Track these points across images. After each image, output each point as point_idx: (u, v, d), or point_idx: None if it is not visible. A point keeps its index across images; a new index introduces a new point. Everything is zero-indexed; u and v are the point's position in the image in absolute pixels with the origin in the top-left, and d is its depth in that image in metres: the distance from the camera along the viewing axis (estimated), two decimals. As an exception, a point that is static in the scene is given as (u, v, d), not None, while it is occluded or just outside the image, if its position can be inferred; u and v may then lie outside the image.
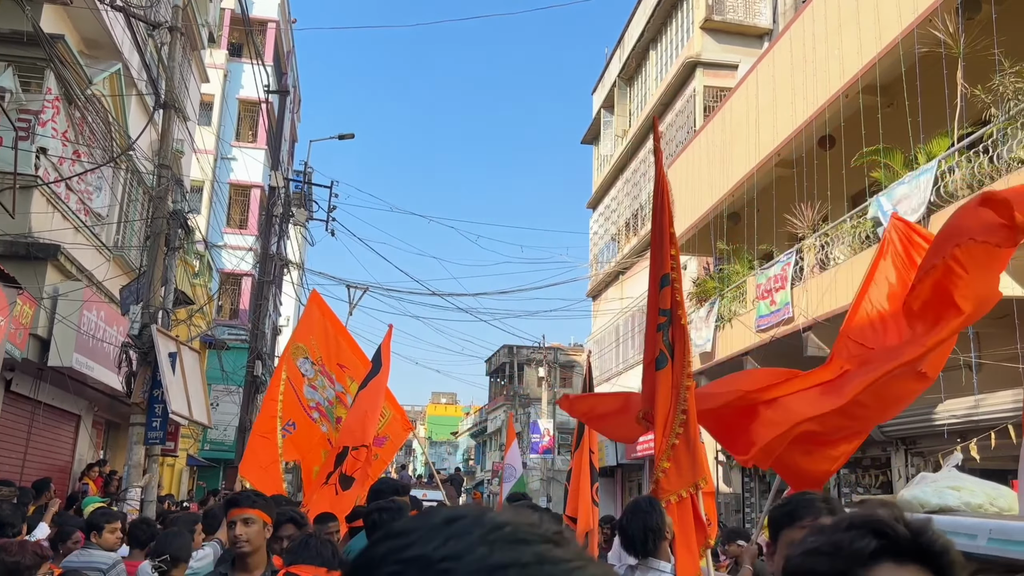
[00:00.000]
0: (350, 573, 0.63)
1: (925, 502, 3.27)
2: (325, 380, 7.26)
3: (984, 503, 3.23)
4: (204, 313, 20.22)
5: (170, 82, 9.72)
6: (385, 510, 3.74)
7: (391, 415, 7.77)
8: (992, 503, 3.24)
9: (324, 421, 7.08)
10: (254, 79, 20.09)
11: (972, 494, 3.26)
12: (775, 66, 13.50)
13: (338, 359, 7.42)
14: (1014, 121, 8.07)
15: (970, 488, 3.30)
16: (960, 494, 3.26)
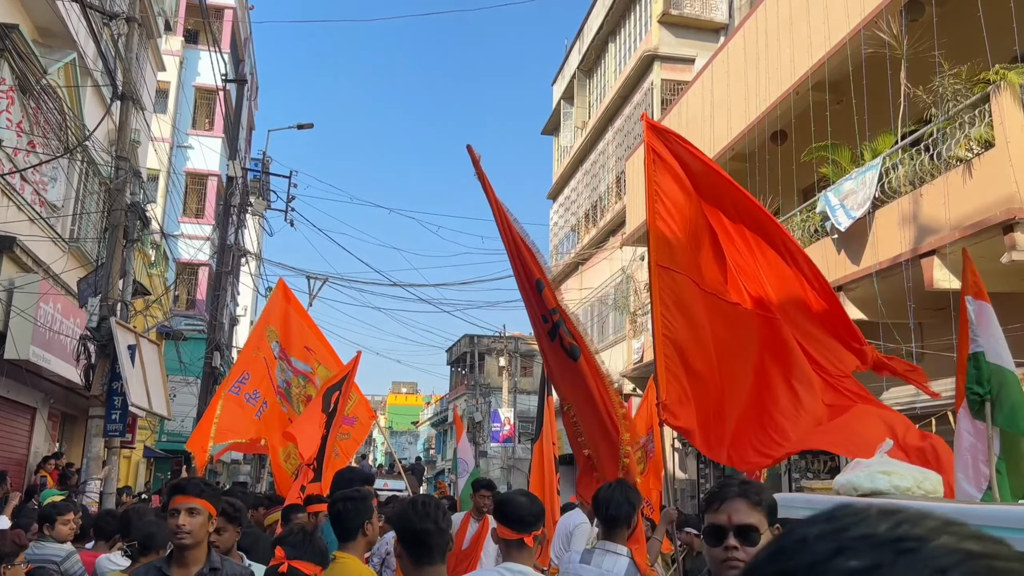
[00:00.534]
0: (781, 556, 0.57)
1: (858, 486, 3.41)
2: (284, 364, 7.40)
3: (912, 486, 3.39)
4: (161, 304, 20.05)
5: (127, 74, 9.66)
6: (350, 499, 3.81)
7: (357, 399, 7.95)
8: (919, 486, 3.40)
9: (285, 403, 7.22)
10: (211, 66, 19.90)
11: (901, 478, 3.42)
12: (729, 62, 13.79)
13: (304, 342, 7.58)
14: (952, 121, 8.42)
15: (899, 472, 3.46)
16: (890, 478, 3.41)
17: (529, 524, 3.17)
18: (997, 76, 7.85)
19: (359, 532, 3.68)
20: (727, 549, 1.93)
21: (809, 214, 11.02)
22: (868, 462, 3.65)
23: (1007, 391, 4.33)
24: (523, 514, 3.16)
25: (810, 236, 10.96)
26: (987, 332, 4.46)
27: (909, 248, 8.75)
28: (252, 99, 37.99)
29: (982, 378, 4.37)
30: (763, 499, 1.99)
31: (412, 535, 2.57)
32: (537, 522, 3.21)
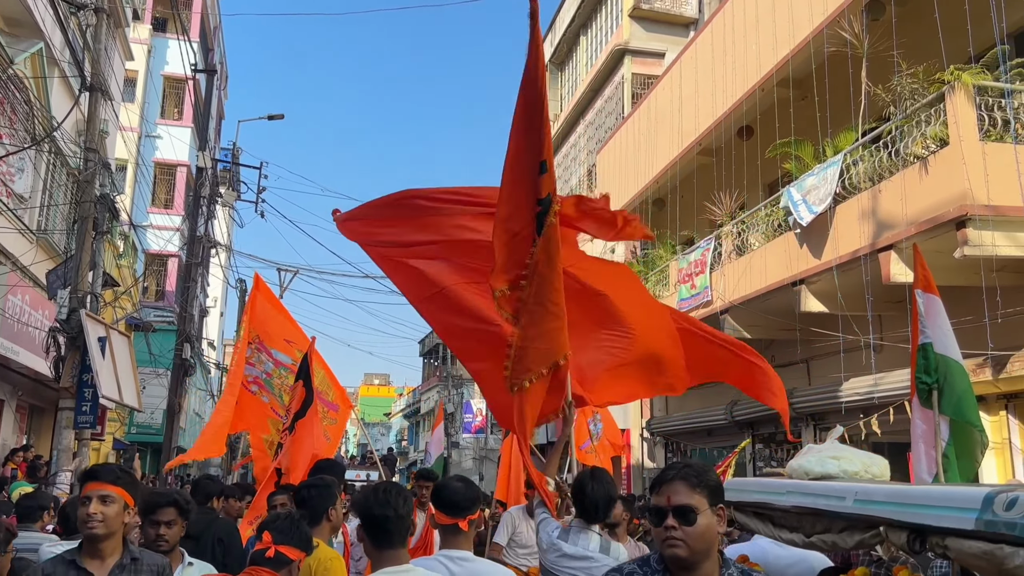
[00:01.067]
0: None
1: (809, 470, 3.58)
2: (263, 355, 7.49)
3: (860, 470, 3.55)
4: (130, 295, 19.92)
5: (96, 65, 9.63)
6: (315, 486, 3.90)
7: (335, 391, 8.09)
8: (866, 470, 3.57)
9: (264, 392, 7.31)
10: (180, 55, 19.73)
11: (850, 462, 3.58)
12: (698, 58, 13.99)
13: (283, 335, 7.68)
14: (910, 119, 8.66)
15: (848, 457, 3.63)
16: (840, 463, 3.57)
17: (463, 509, 3.20)
18: (952, 76, 8.09)
19: (324, 517, 3.79)
20: (666, 528, 2.08)
21: (773, 209, 11.26)
22: (819, 448, 3.86)
23: (952, 381, 4.48)
24: (457, 499, 3.19)
25: (773, 230, 11.20)
26: (935, 324, 4.60)
27: (868, 243, 9.00)
28: (222, 88, 37.66)
29: (930, 368, 4.51)
30: (703, 481, 2.12)
31: (372, 520, 2.70)
32: (472, 506, 3.23)
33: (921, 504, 2.63)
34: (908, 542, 2.59)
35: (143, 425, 24.74)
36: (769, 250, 11.10)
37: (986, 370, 8.69)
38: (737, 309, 11.63)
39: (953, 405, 4.46)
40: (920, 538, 2.55)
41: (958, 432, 4.45)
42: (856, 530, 2.94)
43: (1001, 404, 9.12)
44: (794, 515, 3.37)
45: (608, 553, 3.96)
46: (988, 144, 7.97)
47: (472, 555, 3.17)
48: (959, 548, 2.38)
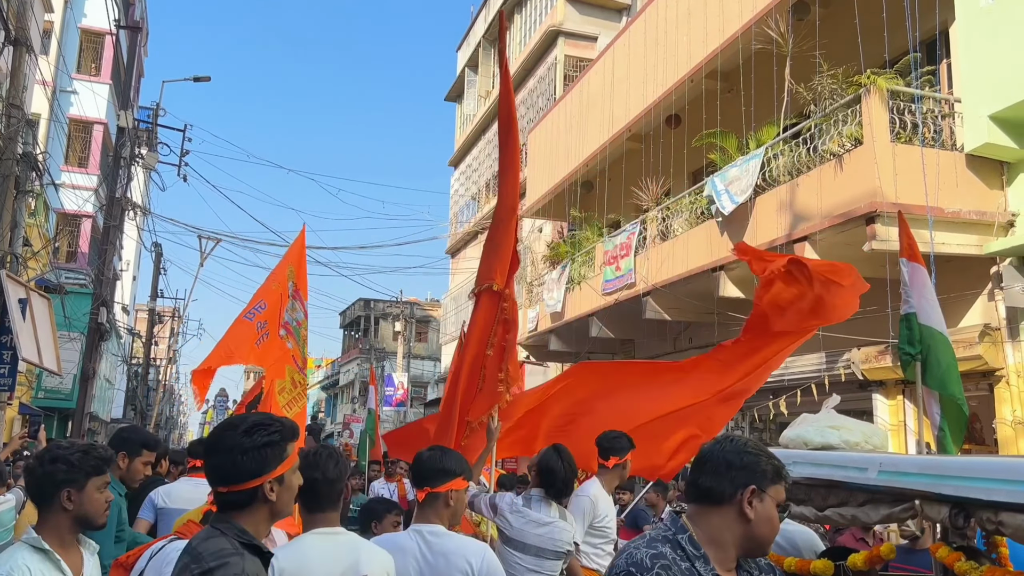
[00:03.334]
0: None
1: (809, 440, 3.52)
2: (297, 303, 7.50)
3: (861, 441, 3.50)
4: (39, 257, 19.24)
5: (21, 18, 9.32)
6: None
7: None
8: (867, 440, 3.52)
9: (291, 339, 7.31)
10: (100, 8, 18.98)
11: (850, 432, 3.53)
12: (630, 45, 14.30)
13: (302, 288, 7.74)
14: (828, 118, 9.14)
15: (848, 427, 3.56)
16: (840, 432, 3.52)
17: (424, 479, 3.14)
18: (868, 80, 8.57)
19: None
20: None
21: (697, 197, 11.69)
22: (815, 417, 3.77)
23: (936, 353, 4.35)
24: (430, 468, 3.13)
25: (697, 218, 11.63)
26: (920, 294, 4.44)
27: (784, 233, 9.48)
28: (142, 45, 36.33)
29: (913, 338, 4.38)
30: None
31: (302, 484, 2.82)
32: (438, 477, 3.14)
33: (965, 476, 2.47)
34: (950, 517, 2.44)
35: (52, 390, 23.96)
36: (692, 236, 11.53)
37: (887, 357, 9.29)
38: (659, 292, 12.06)
39: (938, 379, 4.33)
40: (964, 513, 2.40)
41: (948, 405, 4.34)
42: (882, 503, 2.79)
43: (899, 389, 9.78)
44: (803, 487, 3.21)
45: (566, 518, 4.22)
46: (898, 146, 8.50)
47: (444, 529, 3.10)
48: (1017, 524, 2.24)
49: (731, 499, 1.98)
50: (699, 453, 2.09)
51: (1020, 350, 8.45)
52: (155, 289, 33.10)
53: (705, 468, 2.04)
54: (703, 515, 2.01)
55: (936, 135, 8.85)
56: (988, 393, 8.74)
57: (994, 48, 8.32)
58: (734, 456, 2.02)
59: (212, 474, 2.09)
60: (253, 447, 2.05)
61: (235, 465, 2.04)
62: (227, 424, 2.15)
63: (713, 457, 2.04)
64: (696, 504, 2.04)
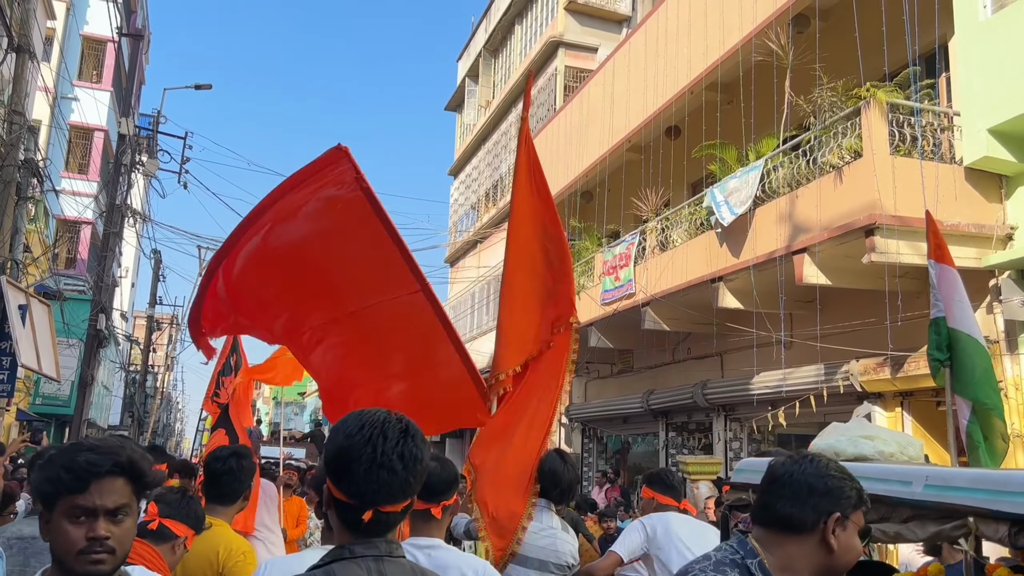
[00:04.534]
0: None
1: (841, 451, 3.33)
2: None
3: (896, 452, 3.32)
4: (39, 263, 19.25)
5: (25, 25, 9.36)
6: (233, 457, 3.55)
7: None
8: (903, 451, 3.33)
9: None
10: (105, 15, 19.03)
11: (885, 443, 3.35)
12: (631, 57, 14.36)
13: None
14: (828, 131, 9.18)
15: (883, 438, 3.39)
16: (874, 443, 3.33)
17: (438, 493, 2.91)
18: (868, 93, 8.61)
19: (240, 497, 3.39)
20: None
21: (696, 208, 11.71)
22: (846, 427, 3.57)
23: (966, 358, 4.11)
24: (432, 482, 2.85)
25: (696, 228, 11.66)
26: (949, 297, 4.21)
27: (784, 245, 9.50)
28: (144, 52, 36.44)
29: (942, 344, 4.16)
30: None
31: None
32: (448, 491, 2.95)
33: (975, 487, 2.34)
34: (1009, 535, 2.26)
35: (49, 396, 23.94)
36: (691, 247, 11.56)
37: (886, 369, 9.31)
38: (658, 302, 12.07)
39: (968, 385, 4.07)
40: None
41: (982, 414, 4.06)
42: (929, 520, 2.59)
43: (897, 401, 9.79)
44: None
45: (567, 531, 3.90)
46: (897, 158, 8.53)
47: (442, 543, 2.93)
48: None
49: (812, 527, 1.82)
50: (772, 473, 1.92)
51: (1019, 363, 8.47)
52: (154, 296, 33.11)
53: (783, 492, 1.86)
54: (777, 541, 1.85)
55: (935, 148, 8.89)
56: (987, 406, 8.76)
57: (993, 62, 8.37)
58: (816, 480, 1.85)
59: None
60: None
61: None
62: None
63: (792, 480, 1.86)
64: (768, 529, 1.88)
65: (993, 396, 4.08)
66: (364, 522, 1.66)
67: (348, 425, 1.71)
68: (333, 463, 1.68)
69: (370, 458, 1.65)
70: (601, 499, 13.25)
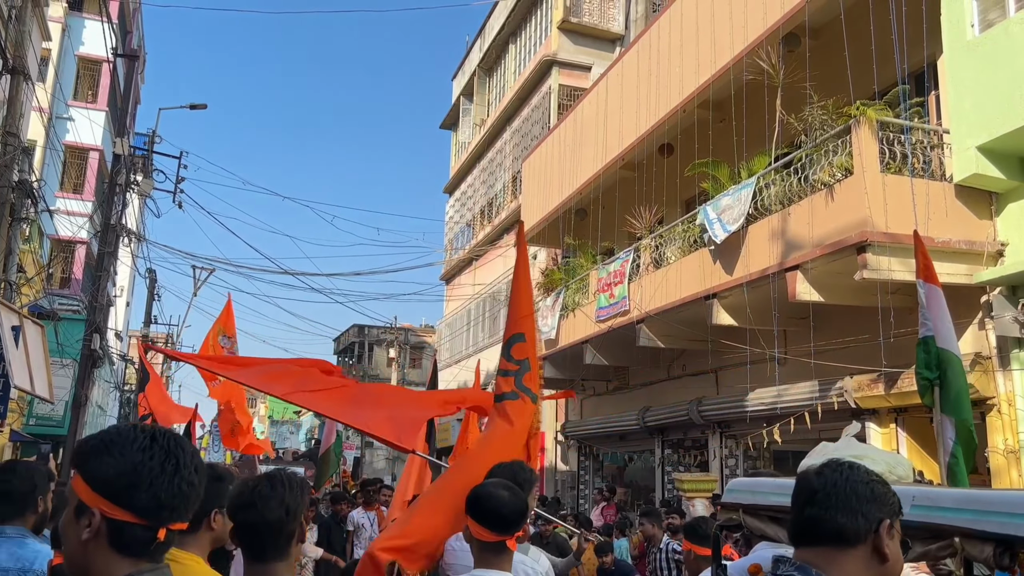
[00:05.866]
0: None
1: None
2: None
3: (885, 471, 3.11)
4: (33, 283, 19.22)
5: (19, 47, 9.40)
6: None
7: None
8: (891, 471, 3.26)
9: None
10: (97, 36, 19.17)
11: (873, 463, 3.11)
12: (623, 75, 14.45)
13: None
14: (819, 148, 9.24)
15: (871, 457, 3.26)
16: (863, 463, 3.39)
17: (512, 524, 2.73)
18: (858, 111, 8.68)
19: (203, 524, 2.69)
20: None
21: (689, 225, 11.76)
22: (835, 446, 3.53)
23: (951, 377, 4.16)
24: (505, 512, 2.71)
25: (689, 246, 11.70)
26: (937, 316, 4.25)
27: (776, 262, 9.54)
28: (139, 72, 36.58)
29: (931, 363, 4.18)
30: None
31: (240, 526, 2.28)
32: (521, 520, 2.79)
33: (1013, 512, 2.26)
34: (994, 556, 2.23)
35: (43, 417, 23.82)
36: (684, 264, 11.60)
37: (879, 385, 9.32)
38: (652, 319, 12.09)
39: (951, 404, 4.14)
40: (1010, 552, 2.22)
41: (961, 431, 4.12)
42: (916, 540, 2.55)
43: (892, 417, 9.80)
44: None
45: (527, 553, 3.66)
46: (888, 176, 8.58)
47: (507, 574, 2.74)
48: None
49: (866, 537, 1.73)
50: (810, 486, 1.81)
51: (1011, 379, 8.49)
52: (149, 315, 33.06)
53: (829, 503, 1.76)
54: (830, 558, 1.73)
55: (925, 166, 8.95)
56: (980, 422, 8.76)
57: (981, 80, 8.44)
58: (862, 487, 1.77)
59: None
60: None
61: None
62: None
63: (838, 490, 1.76)
64: (817, 547, 1.75)
65: (969, 414, 4.13)
66: (156, 542, 1.52)
67: (135, 439, 1.53)
68: (123, 479, 1.50)
69: (173, 470, 1.53)
70: (597, 517, 13.18)
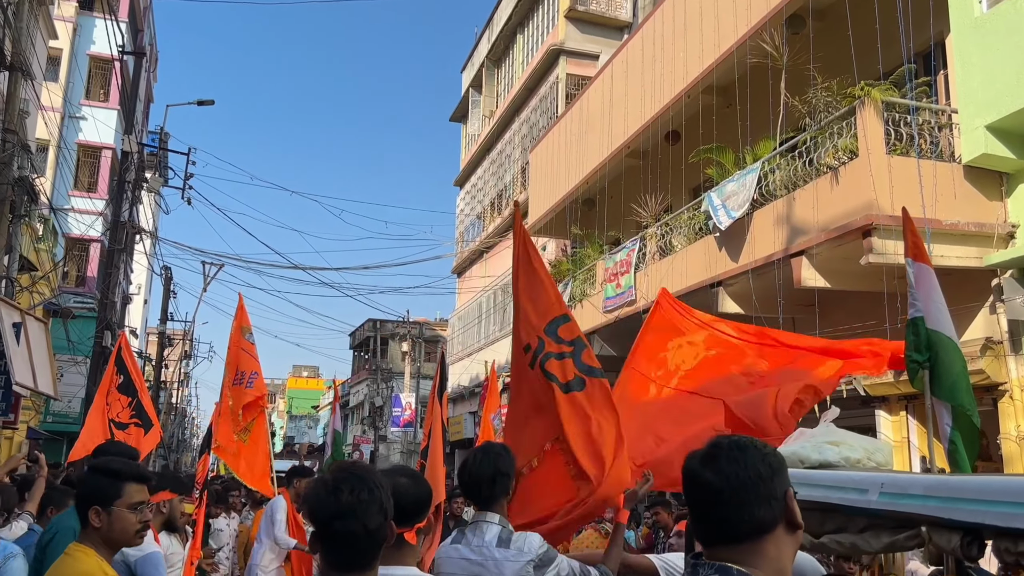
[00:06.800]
0: None
1: (805, 457, 3.14)
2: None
3: (863, 458, 3.13)
4: (48, 280, 19.33)
5: (17, 44, 9.38)
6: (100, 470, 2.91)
7: None
8: (869, 457, 3.15)
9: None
10: (107, 36, 19.19)
11: (851, 449, 3.16)
12: (628, 62, 14.29)
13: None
14: (824, 131, 9.06)
15: (849, 443, 3.19)
16: (839, 449, 3.14)
17: (410, 515, 2.45)
18: (862, 92, 8.49)
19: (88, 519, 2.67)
20: None
21: (695, 212, 11.61)
22: (812, 432, 3.39)
23: (944, 360, 3.97)
24: (403, 503, 2.33)
25: (695, 233, 11.55)
26: (927, 296, 4.06)
27: (782, 248, 9.38)
28: (151, 70, 36.70)
29: (920, 345, 3.99)
30: None
31: (324, 532, 1.84)
32: (420, 512, 2.50)
33: (981, 499, 2.12)
34: (961, 546, 2.11)
35: (59, 414, 23.99)
36: (690, 252, 11.45)
37: (889, 372, 9.13)
38: (659, 309, 11.94)
39: (947, 389, 3.94)
40: (977, 541, 2.11)
41: (960, 417, 3.93)
42: (884, 530, 2.43)
43: (902, 405, 9.62)
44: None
45: (509, 546, 3.02)
46: (894, 158, 8.40)
47: (419, 572, 2.48)
48: None
49: (780, 516, 1.56)
50: (708, 484, 1.58)
51: (1023, 364, 8.30)
52: (165, 312, 33.25)
53: (740, 499, 1.56)
54: (752, 552, 1.56)
55: (933, 147, 8.76)
56: (992, 408, 8.57)
57: (990, 58, 8.24)
58: (763, 468, 1.57)
59: None
60: None
61: None
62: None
63: (742, 482, 1.56)
64: (735, 544, 1.56)
65: (969, 399, 3.93)
66: None
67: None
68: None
69: None
70: (607, 509, 13.08)
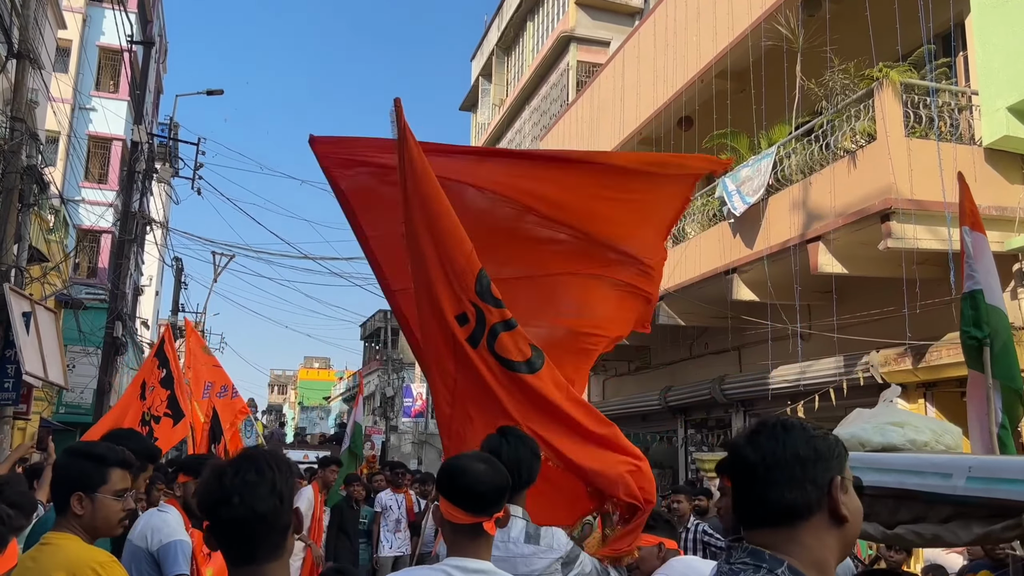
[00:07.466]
0: None
1: (866, 440, 2.93)
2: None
3: (930, 440, 2.92)
4: (59, 271, 19.35)
5: (24, 31, 9.32)
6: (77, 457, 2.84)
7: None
8: (938, 440, 2.94)
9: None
10: (116, 26, 19.20)
11: (917, 430, 2.95)
12: (640, 48, 14.12)
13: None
14: (840, 114, 8.90)
15: (913, 424, 3.00)
16: (904, 431, 2.94)
17: (488, 504, 2.25)
18: (881, 73, 8.33)
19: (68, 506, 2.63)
20: None
21: (708, 199, 11.46)
22: (872, 413, 3.17)
23: (1000, 337, 3.71)
24: (482, 489, 2.23)
25: (709, 220, 11.41)
26: (984, 267, 3.78)
27: (798, 233, 9.23)
28: (161, 61, 36.67)
29: (980, 320, 3.67)
30: None
31: (216, 523, 1.72)
32: (499, 500, 2.29)
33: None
34: None
35: (72, 404, 24.08)
36: (704, 239, 11.31)
37: (907, 359, 9.01)
38: (672, 297, 11.83)
39: (1005, 369, 3.67)
40: None
41: (1008, 400, 3.67)
42: (974, 519, 2.22)
43: (920, 392, 9.48)
44: (865, 498, 2.51)
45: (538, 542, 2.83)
46: (913, 140, 8.24)
47: (492, 567, 2.27)
48: None
49: (820, 504, 1.50)
50: (745, 461, 1.54)
51: (1045, 350, 8.15)
52: (176, 303, 33.35)
53: (773, 477, 1.50)
54: (787, 538, 1.50)
55: (953, 129, 8.59)
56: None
57: (1011, 39, 8.06)
58: (805, 449, 1.51)
59: None
60: None
61: None
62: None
63: (778, 460, 1.50)
64: (769, 528, 1.51)
65: (1015, 374, 3.68)
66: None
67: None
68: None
69: None
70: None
